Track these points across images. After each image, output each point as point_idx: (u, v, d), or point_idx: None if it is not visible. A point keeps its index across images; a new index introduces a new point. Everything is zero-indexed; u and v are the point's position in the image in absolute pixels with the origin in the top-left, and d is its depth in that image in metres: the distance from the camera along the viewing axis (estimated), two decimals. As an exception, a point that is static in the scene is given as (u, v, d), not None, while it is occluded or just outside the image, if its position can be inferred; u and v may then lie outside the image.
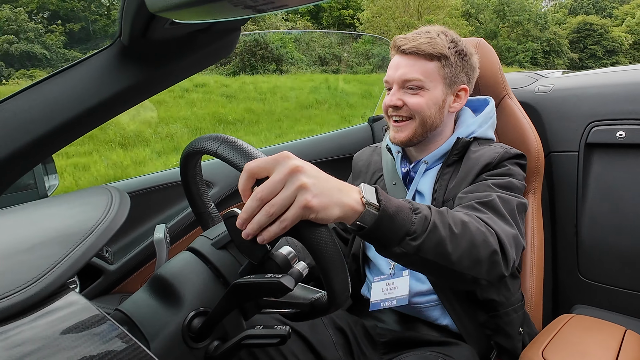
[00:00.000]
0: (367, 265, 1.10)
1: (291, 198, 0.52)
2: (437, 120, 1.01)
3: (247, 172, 0.54)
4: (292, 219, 0.53)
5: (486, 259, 0.72)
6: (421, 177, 1.03)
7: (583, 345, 0.93)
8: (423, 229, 0.66)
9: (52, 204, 0.62)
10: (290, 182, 0.53)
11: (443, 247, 0.67)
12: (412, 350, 0.96)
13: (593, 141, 1.27)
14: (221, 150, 0.58)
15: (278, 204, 0.52)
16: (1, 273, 0.42)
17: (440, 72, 0.99)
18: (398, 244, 0.64)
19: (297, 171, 0.53)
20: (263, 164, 0.54)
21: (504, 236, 0.77)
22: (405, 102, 0.99)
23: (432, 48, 0.97)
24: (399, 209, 0.64)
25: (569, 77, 1.47)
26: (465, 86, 1.03)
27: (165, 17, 0.60)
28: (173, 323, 0.56)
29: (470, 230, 0.72)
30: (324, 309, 0.62)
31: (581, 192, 1.31)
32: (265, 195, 0.52)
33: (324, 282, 0.57)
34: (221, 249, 0.62)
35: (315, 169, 0.56)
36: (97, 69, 0.72)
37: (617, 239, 1.24)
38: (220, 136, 0.60)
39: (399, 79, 0.99)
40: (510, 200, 0.88)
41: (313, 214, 0.54)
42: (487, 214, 0.81)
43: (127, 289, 1.23)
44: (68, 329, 0.39)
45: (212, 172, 1.35)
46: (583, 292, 1.33)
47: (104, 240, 0.47)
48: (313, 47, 15.26)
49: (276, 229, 0.53)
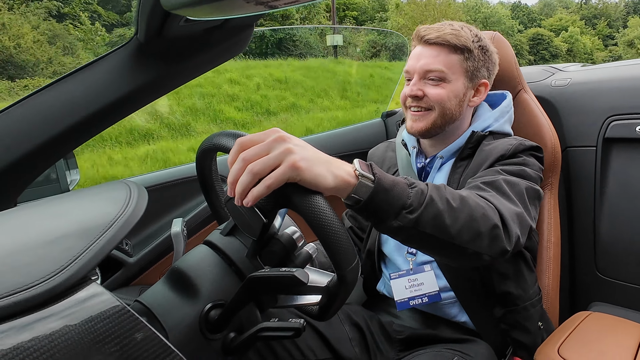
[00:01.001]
0: (383, 261, 1.10)
1: (276, 160, 0.53)
2: (457, 114, 0.99)
3: (238, 144, 0.55)
4: (277, 178, 0.53)
5: (486, 232, 0.71)
6: (437, 173, 1.03)
7: (600, 344, 0.92)
8: (420, 202, 0.65)
9: (73, 198, 0.64)
10: (276, 147, 0.54)
11: (441, 220, 0.66)
12: (429, 347, 0.96)
13: (611, 136, 1.25)
14: None
15: (261, 162, 0.53)
16: (26, 264, 0.43)
17: (462, 65, 0.97)
18: (395, 217, 0.63)
19: (284, 139, 0.55)
20: (253, 136, 0.55)
21: (505, 211, 0.76)
22: (426, 93, 0.97)
23: (457, 39, 0.95)
24: (395, 182, 0.64)
25: (587, 70, 1.44)
26: (486, 81, 1.02)
27: (180, 14, 0.61)
28: (191, 315, 0.58)
29: (468, 204, 0.71)
30: (335, 292, 0.59)
31: (599, 188, 1.28)
32: (249, 157, 0.54)
33: (327, 254, 0.55)
34: (228, 235, 0.64)
35: (303, 141, 0.57)
36: (115, 66, 0.74)
37: (636, 235, 1.22)
38: (236, 133, 0.61)
39: (420, 69, 0.98)
40: (518, 182, 0.86)
41: (300, 176, 0.54)
42: (490, 192, 0.80)
43: (146, 280, 1.25)
44: (90, 319, 0.41)
45: (226, 167, 1.36)
46: (600, 289, 1.31)
47: (124, 233, 0.48)
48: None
49: (261, 188, 0.53)
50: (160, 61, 0.75)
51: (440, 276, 0.98)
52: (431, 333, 0.98)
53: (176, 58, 0.75)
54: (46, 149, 0.69)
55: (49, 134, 0.68)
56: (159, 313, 0.57)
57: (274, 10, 0.53)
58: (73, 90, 0.71)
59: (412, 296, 0.98)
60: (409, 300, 0.99)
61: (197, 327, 0.57)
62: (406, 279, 1.00)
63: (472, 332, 0.98)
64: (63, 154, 0.74)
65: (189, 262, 0.63)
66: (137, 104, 0.76)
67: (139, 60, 0.74)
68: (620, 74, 1.31)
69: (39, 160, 0.70)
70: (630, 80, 1.26)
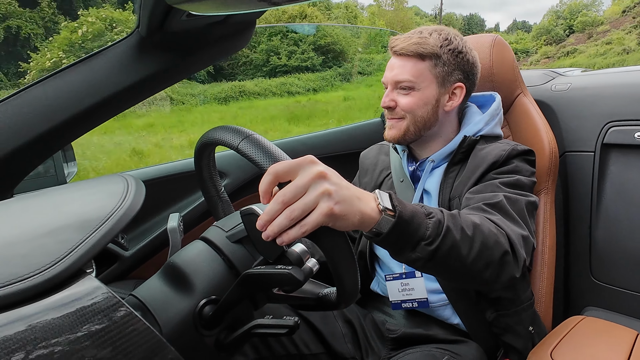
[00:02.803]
0: (377, 262, 1.11)
1: (313, 203, 0.52)
2: (431, 120, 1.01)
3: (272, 174, 0.53)
4: (313, 225, 0.53)
5: (498, 259, 0.72)
6: (428, 176, 1.03)
7: (593, 348, 0.92)
8: (437, 232, 0.66)
9: (70, 190, 0.64)
10: (314, 187, 0.53)
11: (457, 250, 0.68)
12: (420, 346, 0.96)
13: (610, 142, 1.25)
14: (243, 146, 0.58)
15: (300, 208, 0.52)
16: (21, 256, 0.43)
17: (432, 72, 0.98)
18: (413, 249, 0.65)
19: (321, 177, 0.53)
20: (288, 167, 0.53)
21: (514, 237, 0.77)
22: (398, 103, 1.00)
23: (422, 48, 0.96)
24: (414, 214, 0.64)
25: (587, 75, 1.44)
26: (461, 84, 1.01)
27: (182, 9, 0.61)
28: (185, 310, 0.58)
29: (482, 232, 0.72)
30: (332, 305, 0.63)
31: (596, 193, 1.28)
32: (287, 199, 0.52)
33: (336, 282, 0.58)
34: (236, 242, 0.64)
35: (337, 175, 0.56)
36: (116, 59, 0.74)
37: (631, 241, 1.22)
38: (242, 130, 0.60)
39: (391, 80, 1.00)
40: (518, 200, 0.87)
41: (333, 221, 0.54)
42: (497, 215, 0.81)
43: (141, 275, 1.25)
44: (84, 311, 0.41)
45: (225, 162, 1.36)
46: (595, 294, 1.31)
47: (120, 227, 0.48)
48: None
49: (296, 233, 0.53)
50: (161, 55, 0.74)
51: (433, 279, 0.99)
52: (423, 333, 0.99)
53: (177, 52, 0.75)
54: (44, 140, 0.69)
55: (47, 125, 0.68)
56: (153, 307, 0.57)
57: (276, 7, 0.53)
58: (73, 82, 0.71)
59: (404, 299, 1.00)
60: (402, 303, 1.01)
61: (191, 323, 0.57)
62: (399, 282, 1.01)
63: (464, 333, 0.99)
64: (61, 146, 0.74)
65: (184, 257, 0.62)
66: (137, 98, 0.76)
67: (140, 53, 0.74)
68: (621, 80, 1.32)
69: (36, 151, 0.70)
70: (630, 86, 1.26)
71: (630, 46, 21.03)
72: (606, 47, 22.53)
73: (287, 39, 16.85)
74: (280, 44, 16.90)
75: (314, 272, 0.58)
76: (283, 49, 16.81)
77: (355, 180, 1.23)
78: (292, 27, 16.34)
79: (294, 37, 16.70)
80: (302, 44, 16.41)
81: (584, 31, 29.71)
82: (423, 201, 1.03)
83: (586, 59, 22.43)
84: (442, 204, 0.98)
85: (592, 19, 30.98)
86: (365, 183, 1.17)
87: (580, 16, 32.06)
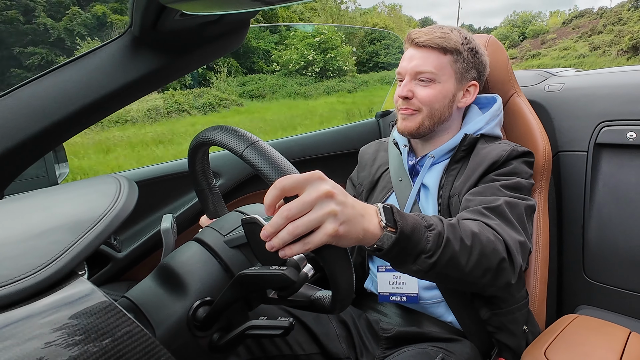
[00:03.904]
0: (371, 258, 1.11)
1: (317, 222, 0.52)
2: (446, 114, 1.02)
3: (278, 189, 0.53)
4: (317, 244, 0.53)
5: (495, 267, 0.74)
6: (427, 171, 1.04)
7: (586, 346, 0.93)
8: (437, 245, 0.67)
9: (61, 192, 0.63)
10: (320, 206, 0.53)
11: (456, 261, 0.69)
12: (414, 345, 0.96)
13: (603, 141, 1.26)
14: (249, 154, 0.56)
15: (304, 225, 0.52)
16: (11, 258, 0.43)
17: (452, 67, 1.00)
18: (414, 261, 0.66)
19: (328, 196, 0.53)
20: (295, 183, 0.53)
21: (511, 243, 0.78)
22: (416, 94, 1.01)
23: (446, 42, 0.98)
24: (414, 228, 0.65)
25: (580, 76, 1.45)
26: (475, 82, 1.05)
27: (176, 8, 0.61)
28: (178, 311, 0.57)
29: (481, 241, 0.73)
30: (325, 310, 0.63)
31: (589, 193, 1.29)
32: (292, 215, 0.52)
33: (333, 289, 0.58)
34: (234, 247, 0.63)
35: (344, 192, 0.56)
36: (108, 59, 0.73)
37: (624, 240, 1.23)
38: (247, 136, 0.59)
39: (411, 71, 1.01)
40: (518, 205, 0.88)
41: (337, 242, 0.54)
42: (495, 220, 0.82)
43: (135, 276, 1.24)
44: (76, 314, 0.40)
45: (219, 163, 1.35)
46: (588, 293, 1.32)
47: (113, 228, 0.48)
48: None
49: (300, 249, 0.53)
50: (154, 55, 0.74)
51: None
52: (417, 331, 0.99)
53: (170, 52, 0.75)
54: (35, 141, 0.68)
55: (38, 126, 0.67)
56: (146, 309, 0.57)
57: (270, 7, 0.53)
58: (64, 82, 0.70)
59: (393, 292, 1.01)
60: (390, 296, 1.02)
61: (184, 324, 0.57)
62: (391, 274, 1.02)
63: (458, 332, 0.99)
64: (52, 147, 0.73)
65: (178, 258, 0.62)
66: (129, 98, 0.76)
67: (132, 53, 0.73)
68: (614, 80, 1.33)
69: (27, 152, 0.69)
70: (622, 87, 1.27)
71: (583, 52, 25.02)
72: (565, 52, 26.67)
73: (381, 43, 20.03)
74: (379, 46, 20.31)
75: (309, 278, 0.58)
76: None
77: (353, 175, 1.24)
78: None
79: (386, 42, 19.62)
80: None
81: (537, 37, 34.86)
82: (421, 195, 1.04)
83: (550, 60, 26.00)
84: (441, 201, 0.98)
85: (540, 28, 37.14)
86: (363, 177, 1.18)
87: (531, 25, 38.19)
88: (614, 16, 28.13)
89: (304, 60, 13.81)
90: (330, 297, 0.60)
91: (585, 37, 27.54)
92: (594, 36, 26.75)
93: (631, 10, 27.58)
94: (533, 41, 34.05)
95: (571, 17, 34.70)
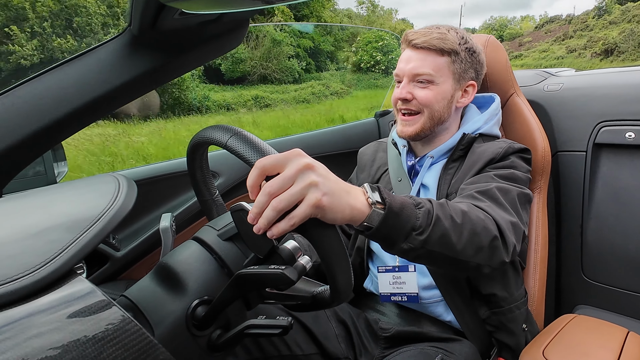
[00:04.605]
0: (371, 258, 1.11)
1: (300, 195, 0.52)
2: (445, 115, 1.02)
3: (259, 168, 0.53)
4: (301, 217, 0.53)
5: (487, 245, 0.74)
6: (426, 171, 1.04)
7: (584, 346, 0.93)
8: (427, 222, 0.67)
9: (60, 190, 0.63)
10: (301, 179, 0.53)
11: (447, 238, 0.69)
12: (413, 344, 0.96)
13: (601, 141, 1.26)
14: (231, 143, 0.58)
15: (286, 199, 0.52)
16: (10, 257, 0.43)
17: (450, 67, 1.00)
18: (405, 239, 0.65)
19: (308, 168, 0.53)
20: (275, 161, 0.53)
21: (502, 222, 0.78)
22: (415, 96, 1.01)
23: (443, 43, 0.98)
24: (403, 205, 0.65)
25: (579, 76, 1.45)
26: (473, 82, 1.05)
27: (175, 7, 0.61)
28: (177, 311, 0.57)
29: (470, 218, 0.73)
30: (326, 303, 0.62)
31: (588, 192, 1.30)
32: (274, 190, 0.52)
33: (329, 279, 0.57)
34: (227, 240, 0.63)
35: (325, 168, 0.56)
36: (107, 58, 0.73)
37: (622, 240, 1.24)
38: (230, 128, 0.60)
39: (409, 72, 1.01)
40: (510, 189, 0.88)
41: (322, 213, 0.54)
42: (486, 202, 0.82)
43: (133, 275, 1.24)
44: (74, 313, 0.40)
45: (218, 163, 1.35)
46: (586, 293, 1.33)
47: (111, 227, 0.47)
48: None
49: (285, 225, 0.53)
50: (153, 54, 0.74)
51: (427, 274, 0.99)
52: (416, 331, 0.99)
53: (169, 51, 0.75)
54: (34, 140, 0.68)
55: (37, 124, 0.67)
56: (145, 308, 0.56)
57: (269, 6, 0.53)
58: (63, 80, 0.70)
59: (393, 292, 1.01)
60: (391, 296, 1.02)
61: (183, 323, 0.57)
62: (391, 275, 1.02)
63: (458, 331, 0.99)
64: (51, 146, 0.73)
65: (177, 257, 0.62)
66: (128, 97, 0.76)
67: (132, 52, 0.73)
68: (612, 80, 1.33)
69: (26, 151, 0.69)
70: (621, 87, 1.27)
71: (561, 54, 28.13)
72: (544, 54, 29.79)
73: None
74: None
75: (307, 270, 0.58)
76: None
77: (353, 177, 1.24)
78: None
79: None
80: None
81: (514, 40, 38.21)
82: (420, 195, 1.04)
83: (532, 60, 29.10)
84: (440, 199, 0.98)
85: (515, 32, 40.68)
86: (363, 179, 1.18)
87: (507, 29, 42.22)
88: (581, 23, 31.49)
89: (373, 60, 15.66)
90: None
91: (559, 40, 31.29)
92: (567, 40, 30.41)
93: (595, 18, 31.31)
94: (510, 43, 36.60)
95: (542, 22, 39.09)
